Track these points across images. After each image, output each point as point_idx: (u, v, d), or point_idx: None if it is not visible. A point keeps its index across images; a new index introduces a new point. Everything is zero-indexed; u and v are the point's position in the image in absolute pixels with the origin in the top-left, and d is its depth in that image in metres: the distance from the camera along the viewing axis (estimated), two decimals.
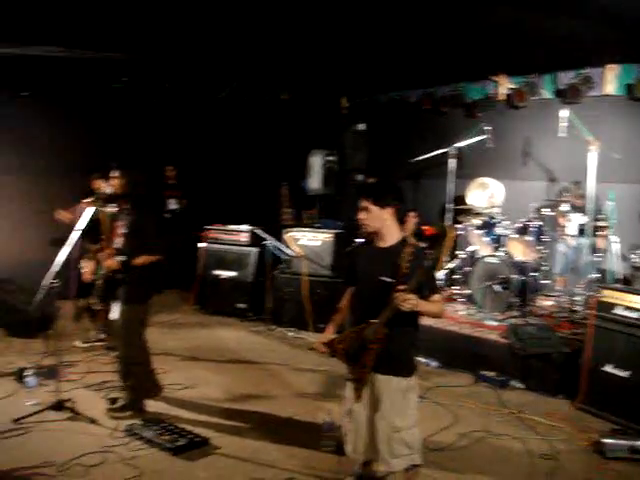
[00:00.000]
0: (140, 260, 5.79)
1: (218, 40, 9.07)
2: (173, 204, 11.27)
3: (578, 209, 8.49)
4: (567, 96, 9.76)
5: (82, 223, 6.16)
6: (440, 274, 9.10)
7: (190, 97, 11.43)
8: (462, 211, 9.48)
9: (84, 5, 6.71)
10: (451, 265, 9.31)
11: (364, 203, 4.04)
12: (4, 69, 9.41)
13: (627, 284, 7.86)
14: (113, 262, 5.87)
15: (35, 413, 5.81)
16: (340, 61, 10.25)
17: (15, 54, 8.81)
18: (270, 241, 9.19)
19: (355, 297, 4.23)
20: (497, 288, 8.17)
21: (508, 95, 10.59)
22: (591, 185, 8.33)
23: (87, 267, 7.60)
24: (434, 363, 7.66)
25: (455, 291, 9.05)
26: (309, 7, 7.73)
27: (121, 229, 5.97)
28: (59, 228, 8.09)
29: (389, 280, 3.87)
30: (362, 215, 4.06)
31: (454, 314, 8.38)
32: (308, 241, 9.25)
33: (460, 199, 9.85)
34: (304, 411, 6.13)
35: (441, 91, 11.50)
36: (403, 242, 4.03)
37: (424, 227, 10.05)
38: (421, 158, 10.10)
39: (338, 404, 4.38)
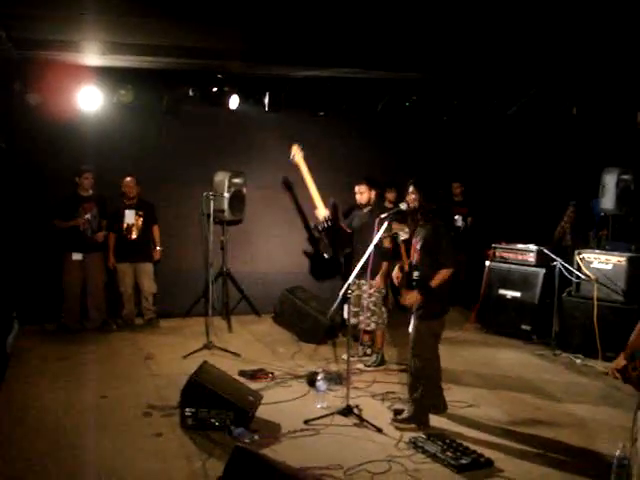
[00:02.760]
0: (437, 281, 5.89)
1: (508, 57, 8.98)
2: (459, 221, 11.34)
3: None
4: None
5: (377, 237, 6.38)
6: None
7: (478, 114, 11.42)
8: None
9: (375, 28, 6.96)
10: None
11: None
12: (305, 91, 10.07)
13: None
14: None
15: (324, 416, 6.13)
16: (635, 72, 9.71)
17: (314, 76, 9.39)
18: (559, 262, 8.88)
19: None
20: None
21: None
22: None
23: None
24: None
25: None
26: (601, 17, 7.42)
27: (417, 245, 6.10)
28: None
29: None
30: None
31: None
32: (599, 264, 8.81)
33: None
34: (590, 442, 5.85)
35: None
36: None
37: None
38: None
39: (628, 438, 4.12)
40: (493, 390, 7.28)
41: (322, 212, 8.38)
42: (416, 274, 5.95)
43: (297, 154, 8.35)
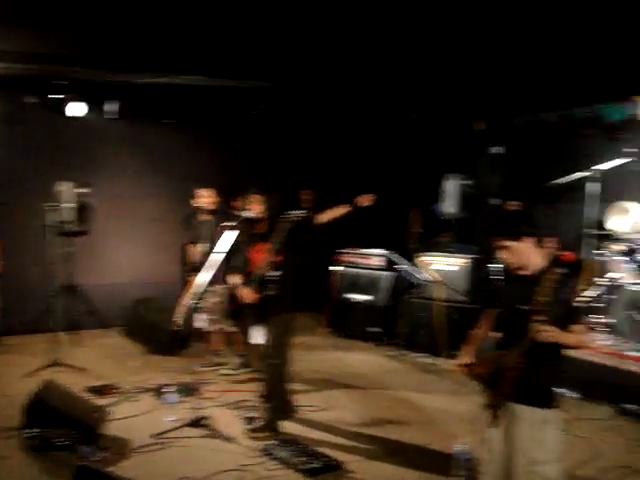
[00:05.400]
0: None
1: (348, 64, 9.19)
2: None
3: None
4: None
5: (223, 246, 6.36)
6: (580, 303, 8.83)
7: (323, 121, 11.59)
8: (602, 237, 9.16)
9: (219, 34, 6.97)
10: (591, 293, 9.00)
11: (504, 242, 3.98)
12: (150, 98, 9.91)
13: None
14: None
15: (174, 429, 6.04)
16: (475, 83, 10.15)
17: (161, 83, 9.26)
18: (404, 265, 9.16)
19: (497, 323, 4.19)
20: None
21: None
22: None
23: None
24: (573, 394, 7.40)
25: (596, 320, 8.73)
26: (441, 28, 7.74)
27: (265, 249, 6.12)
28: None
29: (528, 308, 3.81)
30: (504, 254, 4.00)
31: (594, 344, 8.10)
32: (442, 266, 9.17)
33: (600, 224, 9.53)
34: (438, 439, 6.06)
35: (579, 113, 11.21)
36: (545, 270, 3.95)
37: (562, 253, 9.80)
38: (559, 182, 9.82)
39: (473, 433, 4.31)
40: (344, 393, 7.42)
41: None
42: (272, 274, 6.00)
43: None
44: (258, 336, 6.16)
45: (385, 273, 9.69)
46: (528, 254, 3.96)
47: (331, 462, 5.41)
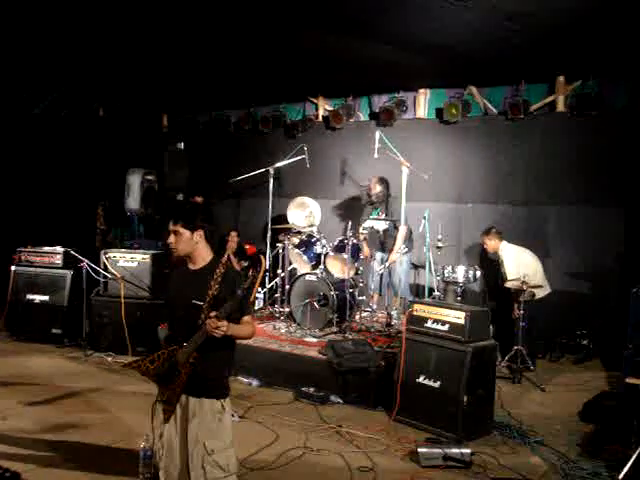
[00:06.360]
0: None
1: (31, 53, 8.74)
2: None
3: None
4: (381, 118, 10.22)
5: None
6: (259, 293, 9.26)
7: (1, 112, 10.88)
8: (282, 230, 9.60)
9: None
10: (271, 284, 9.43)
11: (173, 227, 3.95)
12: None
13: (440, 298, 8.19)
14: None
15: None
16: (160, 78, 10.14)
17: None
18: (85, 263, 8.85)
19: (169, 319, 4.17)
20: (316, 305, 8.35)
21: (326, 117, 10.94)
22: (402, 204, 8.70)
23: None
24: (255, 382, 7.67)
25: (275, 309, 9.15)
26: (129, 22, 7.62)
27: None
28: None
29: (199, 303, 3.83)
30: (172, 239, 3.97)
31: (274, 332, 8.47)
32: (125, 262, 9.00)
33: (281, 218, 9.99)
34: (122, 438, 5.93)
35: (261, 111, 11.66)
36: (214, 263, 3.99)
37: (246, 246, 10.17)
38: (241, 178, 10.12)
39: (155, 429, 4.27)
40: (22, 400, 6.93)
41: None
42: None
43: None
44: None
45: (66, 271, 9.28)
46: (195, 244, 3.97)
47: (6, 474, 5.06)
